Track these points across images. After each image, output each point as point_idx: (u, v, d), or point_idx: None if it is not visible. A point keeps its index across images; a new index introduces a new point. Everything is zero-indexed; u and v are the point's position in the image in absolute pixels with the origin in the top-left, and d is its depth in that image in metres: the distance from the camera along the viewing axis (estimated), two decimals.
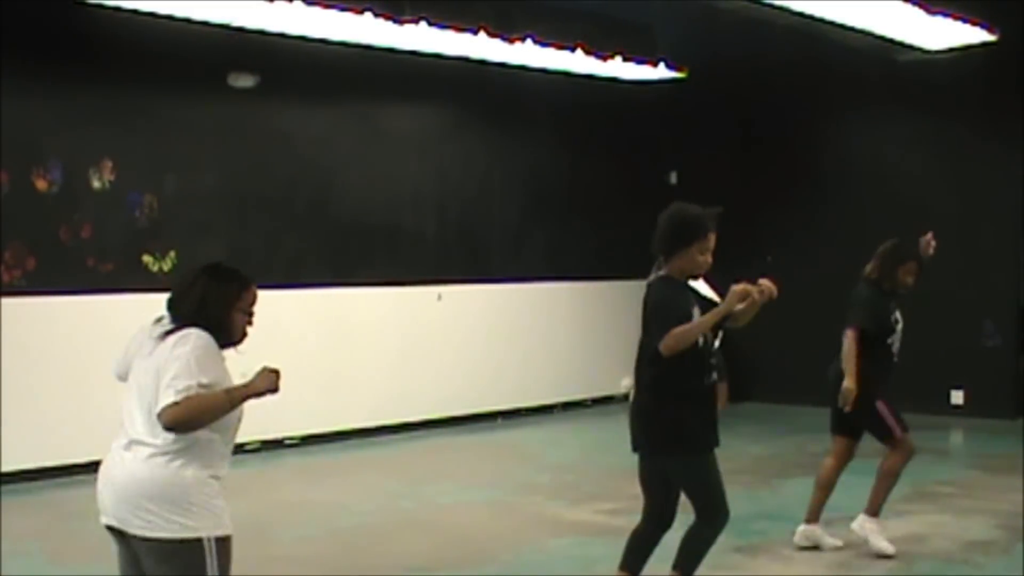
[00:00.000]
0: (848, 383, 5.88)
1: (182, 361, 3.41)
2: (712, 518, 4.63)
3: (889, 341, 6.10)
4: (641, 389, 4.69)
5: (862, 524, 6.14)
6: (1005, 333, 10.49)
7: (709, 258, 4.60)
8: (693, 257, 4.57)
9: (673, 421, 4.52)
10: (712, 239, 4.60)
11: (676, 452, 4.57)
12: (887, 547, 6.03)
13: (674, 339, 4.33)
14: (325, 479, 8.55)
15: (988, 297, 10.40)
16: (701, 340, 4.46)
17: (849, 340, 5.98)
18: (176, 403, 3.33)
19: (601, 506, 7.30)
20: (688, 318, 4.43)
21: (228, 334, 3.70)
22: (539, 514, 7.15)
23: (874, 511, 6.14)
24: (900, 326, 6.17)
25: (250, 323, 3.72)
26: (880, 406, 6.03)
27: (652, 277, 4.71)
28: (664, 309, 4.50)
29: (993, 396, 10.46)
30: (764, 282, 4.47)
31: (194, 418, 3.36)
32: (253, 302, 3.76)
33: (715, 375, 4.61)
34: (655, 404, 4.56)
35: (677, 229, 4.67)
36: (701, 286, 4.93)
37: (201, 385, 3.39)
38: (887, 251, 6.22)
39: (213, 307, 3.61)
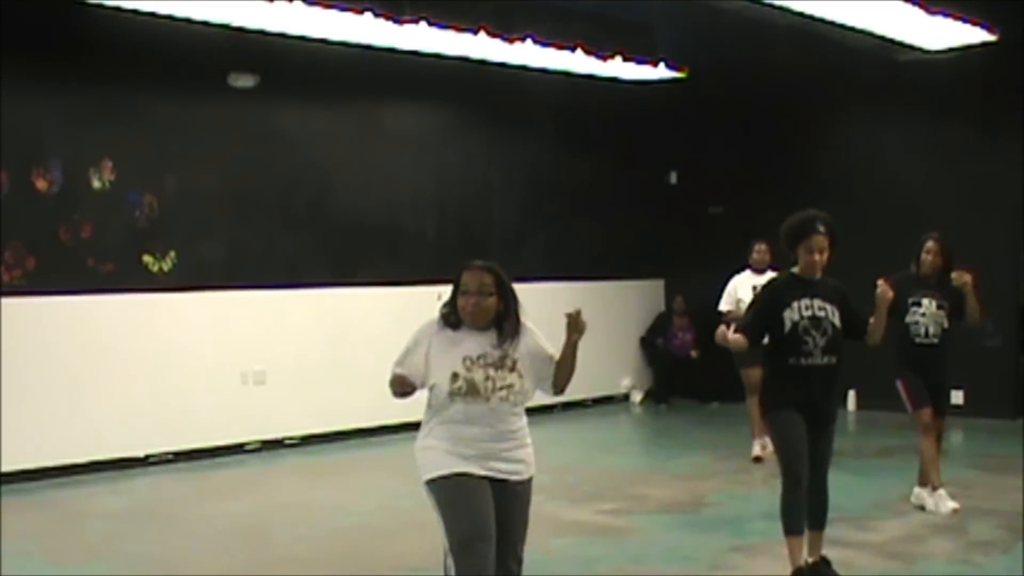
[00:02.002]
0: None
1: None
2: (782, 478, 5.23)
3: (907, 320, 6.62)
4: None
5: (917, 495, 6.86)
6: (1005, 333, 10.48)
7: (816, 256, 5.17)
8: (802, 256, 5.20)
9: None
10: (817, 240, 5.16)
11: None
12: (947, 506, 6.72)
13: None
14: (325, 479, 8.55)
15: (988, 297, 10.36)
16: (788, 324, 5.12)
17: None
18: None
19: (601, 506, 7.30)
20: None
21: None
22: (539, 514, 7.10)
23: (924, 483, 6.84)
24: (921, 309, 6.63)
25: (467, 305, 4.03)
26: (899, 383, 6.67)
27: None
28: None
29: (993, 396, 10.45)
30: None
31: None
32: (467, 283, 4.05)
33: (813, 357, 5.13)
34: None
35: (784, 234, 5.29)
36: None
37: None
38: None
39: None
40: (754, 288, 5.45)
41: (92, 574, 5.89)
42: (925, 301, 6.65)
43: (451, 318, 4.07)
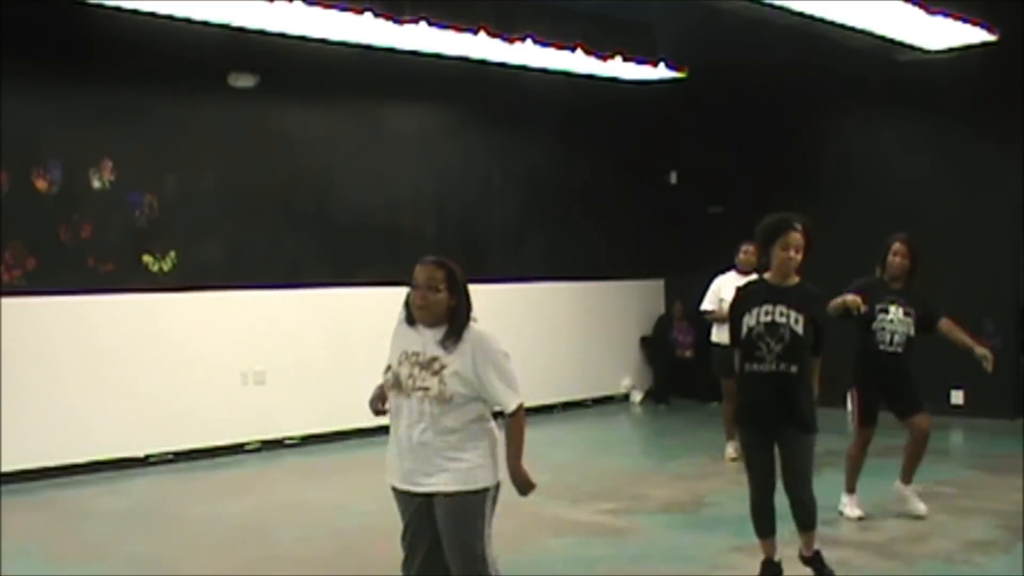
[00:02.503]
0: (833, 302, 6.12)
1: None
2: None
3: (873, 328, 6.46)
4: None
5: (844, 503, 6.81)
6: (1005, 333, 10.48)
7: (792, 253, 5.07)
8: (778, 253, 5.09)
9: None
10: (793, 236, 5.08)
11: None
12: (855, 512, 6.73)
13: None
14: (325, 479, 8.55)
15: (988, 297, 10.38)
16: (745, 330, 5.09)
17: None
18: None
19: (601, 506, 7.30)
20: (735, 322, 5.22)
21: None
22: (539, 514, 7.13)
23: (849, 489, 6.82)
24: (889, 316, 6.45)
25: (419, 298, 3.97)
26: (853, 392, 6.69)
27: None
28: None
29: (993, 396, 10.43)
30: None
31: None
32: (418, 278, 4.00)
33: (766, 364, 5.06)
34: None
35: (761, 232, 5.20)
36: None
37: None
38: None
39: None
40: (737, 289, 5.38)
41: (92, 574, 5.89)
42: (892, 308, 6.47)
43: (406, 312, 4.06)
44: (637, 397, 12.63)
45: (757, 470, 5.21)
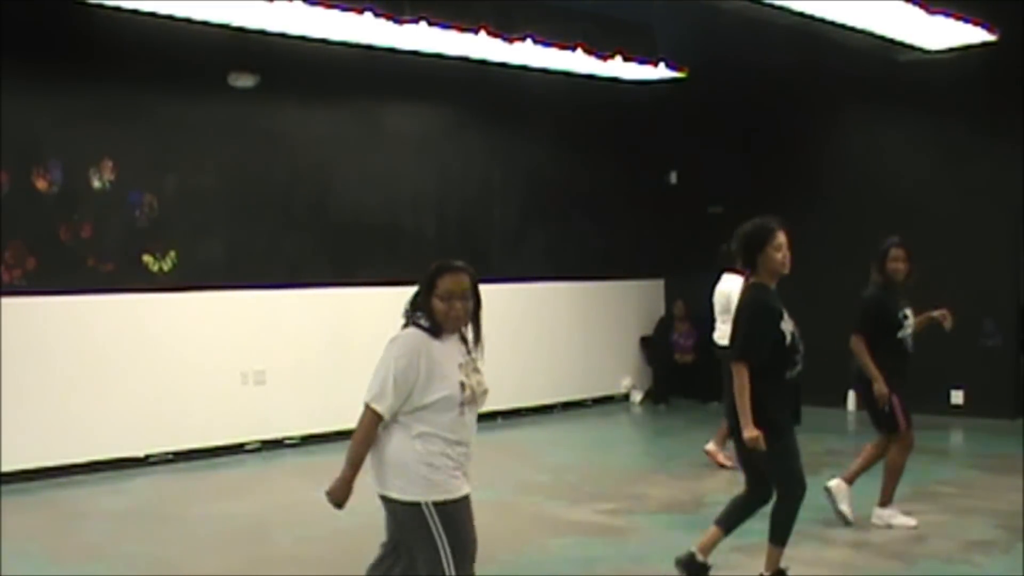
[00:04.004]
0: (878, 388, 6.27)
1: None
2: (783, 492, 5.12)
3: (900, 336, 6.39)
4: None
5: (879, 515, 6.57)
6: (1005, 333, 10.48)
7: (786, 251, 5.10)
8: (772, 256, 5.08)
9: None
10: (782, 235, 5.11)
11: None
12: (909, 521, 6.53)
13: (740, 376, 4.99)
14: (325, 479, 8.50)
15: (988, 297, 10.39)
16: (788, 337, 5.02)
17: (855, 344, 6.33)
18: None
19: (601, 506, 7.30)
20: (757, 344, 5.03)
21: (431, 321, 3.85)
22: (539, 514, 7.14)
23: (885, 502, 6.59)
24: (909, 321, 6.44)
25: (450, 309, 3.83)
26: (894, 399, 6.37)
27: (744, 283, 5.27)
28: (749, 324, 5.10)
29: (993, 396, 10.45)
30: None
31: None
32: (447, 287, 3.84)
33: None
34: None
35: (747, 240, 5.15)
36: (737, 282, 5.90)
37: None
38: (878, 253, 6.53)
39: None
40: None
41: (92, 574, 5.89)
42: (908, 312, 6.47)
43: (433, 326, 3.82)
44: (637, 397, 12.63)
45: (800, 471, 5.16)
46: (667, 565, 5.49)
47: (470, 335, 3.99)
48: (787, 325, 5.07)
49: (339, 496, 3.99)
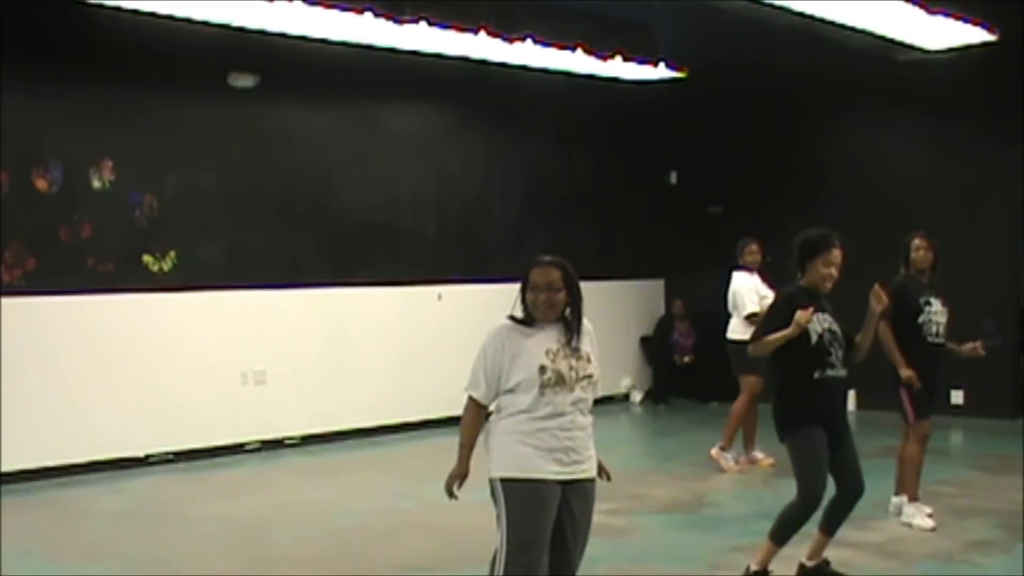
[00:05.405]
0: (903, 373, 6.37)
1: None
2: (798, 494, 5.21)
3: (920, 321, 6.51)
4: None
5: (905, 512, 6.60)
6: (1005, 333, 10.47)
7: (833, 271, 5.30)
8: (819, 269, 5.29)
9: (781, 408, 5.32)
10: (836, 254, 5.31)
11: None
12: (928, 522, 6.50)
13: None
14: (325, 479, 8.55)
15: (988, 297, 10.38)
16: (815, 336, 5.17)
17: (881, 330, 6.29)
18: None
19: (601, 506, 7.19)
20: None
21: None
22: None
23: (912, 496, 6.61)
24: (933, 308, 6.57)
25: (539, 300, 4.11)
26: (902, 390, 6.47)
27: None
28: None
29: (993, 396, 10.45)
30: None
31: None
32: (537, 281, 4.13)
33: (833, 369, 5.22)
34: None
35: (802, 245, 5.39)
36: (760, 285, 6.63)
37: None
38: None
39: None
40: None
41: (92, 574, 5.89)
42: (933, 299, 6.60)
43: (526, 316, 4.12)
44: (637, 397, 12.63)
45: (825, 481, 5.19)
46: (667, 565, 5.50)
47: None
48: (815, 326, 5.18)
49: (455, 472, 4.20)
